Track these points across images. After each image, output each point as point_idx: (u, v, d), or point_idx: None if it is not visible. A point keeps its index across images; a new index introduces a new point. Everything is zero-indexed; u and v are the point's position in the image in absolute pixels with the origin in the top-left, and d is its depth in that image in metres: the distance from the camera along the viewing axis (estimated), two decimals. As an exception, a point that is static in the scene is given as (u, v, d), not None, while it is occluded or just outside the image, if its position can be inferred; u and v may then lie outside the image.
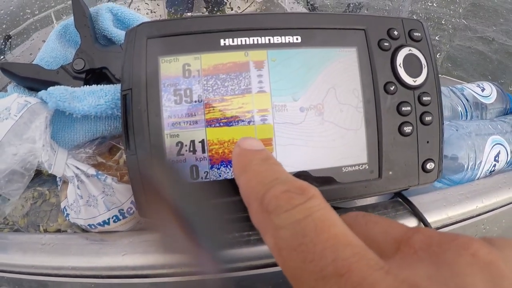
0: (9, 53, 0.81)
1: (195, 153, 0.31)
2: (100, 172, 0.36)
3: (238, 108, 0.32)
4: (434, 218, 0.39)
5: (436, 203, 0.40)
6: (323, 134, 0.33)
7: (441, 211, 0.39)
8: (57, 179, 0.40)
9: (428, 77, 0.36)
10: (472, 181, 0.43)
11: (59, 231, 0.40)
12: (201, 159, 0.31)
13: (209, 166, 0.31)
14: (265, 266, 0.34)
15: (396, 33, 0.36)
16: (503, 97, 0.51)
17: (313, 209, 0.17)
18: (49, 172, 0.36)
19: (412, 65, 0.36)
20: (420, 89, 0.36)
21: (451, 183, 0.43)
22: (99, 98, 0.36)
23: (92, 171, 0.36)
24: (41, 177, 0.43)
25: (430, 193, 0.41)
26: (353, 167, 0.34)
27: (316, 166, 0.33)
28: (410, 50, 0.36)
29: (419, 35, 0.37)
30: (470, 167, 0.41)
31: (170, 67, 0.32)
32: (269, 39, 0.33)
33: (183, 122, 0.31)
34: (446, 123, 0.46)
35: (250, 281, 0.35)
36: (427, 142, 0.36)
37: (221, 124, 0.32)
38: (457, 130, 0.42)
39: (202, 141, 0.31)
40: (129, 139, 0.32)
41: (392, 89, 0.35)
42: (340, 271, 0.15)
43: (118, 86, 0.37)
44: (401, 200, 0.39)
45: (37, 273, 0.35)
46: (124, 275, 0.34)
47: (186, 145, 0.31)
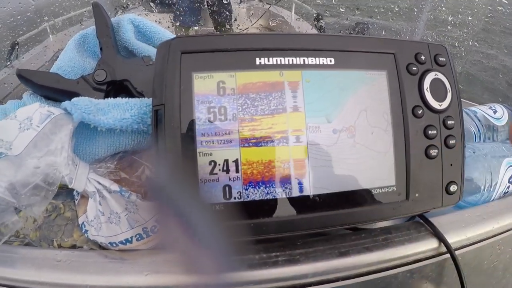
0: (16, 60, 0.78)
1: (229, 173, 0.30)
2: (124, 188, 0.34)
3: (272, 127, 0.30)
4: (453, 239, 0.38)
5: (455, 224, 0.39)
6: (355, 156, 0.32)
7: (460, 232, 0.39)
8: (74, 193, 0.37)
9: (452, 101, 0.36)
10: (487, 202, 0.43)
11: (74, 246, 0.37)
12: (235, 179, 0.30)
13: (243, 186, 0.30)
14: (292, 287, 0.32)
15: (423, 57, 0.35)
16: (514, 119, 0.51)
17: None
18: (70, 186, 0.34)
19: (438, 90, 0.35)
20: (444, 113, 0.35)
21: (467, 205, 0.42)
22: (124, 111, 0.34)
23: (115, 187, 0.33)
24: (55, 189, 0.40)
25: (448, 214, 0.40)
26: (382, 189, 0.33)
27: (347, 187, 0.32)
28: (436, 74, 0.35)
29: (444, 60, 0.36)
30: (486, 189, 0.41)
31: (204, 84, 0.30)
32: (304, 60, 0.32)
33: (217, 140, 0.30)
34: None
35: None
36: (451, 164, 0.35)
37: (256, 143, 0.30)
38: (474, 152, 0.42)
39: (236, 161, 0.30)
40: (160, 157, 0.30)
41: (419, 112, 0.34)
42: None
43: (144, 100, 0.35)
44: (422, 221, 0.38)
45: (53, 292, 0.32)
46: (147, 296, 0.32)
47: (219, 164, 0.30)
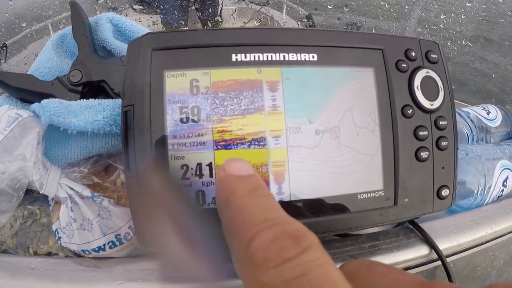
0: (4, 62, 0.75)
1: (202, 177, 0.27)
2: (96, 193, 0.31)
3: (249, 129, 0.27)
4: (445, 245, 0.35)
5: (446, 229, 0.36)
6: (339, 159, 0.29)
7: (452, 238, 0.35)
8: (49, 198, 0.34)
9: (444, 100, 0.32)
10: (480, 206, 0.39)
11: (50, 254, 0.34)
12: (208, 184, 0.27)
13: (217, 192, 0.27)
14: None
15: (413, 54, 0.32)
16: (507, 120, 0.48)
17: (309, 265, 0.13)
18: (41, 192, 0.31)
19: (429, 88, 0.32)
20: (436, 113, 0.32)
21: (460, 209, 0.39)
22: (96, 113, 0.31)
23: (87, 193, 0.30)
24: (32, 194, 0.37)
25: (440, 219, 0.37)
26: (369, 194, 0.30)
27: (331, 192, 0.29)
28: (427, 72, 0.32)
29: (436, 56, 0.33)
30: (479, 192, 0.38)
31: (176, 83, 0.27)
32: (284, 56, 0.29)
33: (189, 143, 0.27)
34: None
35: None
36: (443, 167, 0.32)
37: (231, 146, 0.27)
38: (467, 154, 0.39)
39: (209, 164, 0.27)
40: (129, 160, 0.27)
41: (409, 112, 0.31)
42: None
43: (117, 101, 0.32)
44: (412, 227, 0.35)
45: (24, 302, 0.30)
46: (119, 307, 0.29)
47: (192, 168, 0.27)
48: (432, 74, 0.32)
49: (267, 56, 0.28)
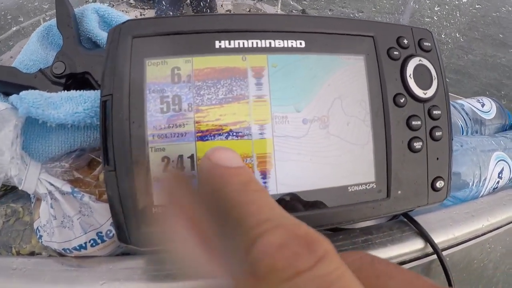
0: None
1: (183, 171, 0.25)
2: (76, 189, 0.28)
3: (233, 119, 0.25)
4: (440, 238, 0.33)
5: (442, 222, 0.34)
6: (328, 149, 0.27)
7: (448, 231, 0.33)
8: (31, 195, 0.32)
9: (438, 89, 0.30)
10: (476, 198, 0.37)
11: (33, 253, 0.32)
12: (190, 177, 0.24)
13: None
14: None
15: (406, 41, 0.30)
16: (502, 113, 0.45)
17: (327, 278, 0.10)
18: (19, 188, 0.29)
19: (422, 77, 0.30)
20: (430, 102, 0.30)
21: (455, 201, 0.37)
22: (77, 105, 0.29)
23: (67, 188, 0.28)
24: (16, 191, 0.35)
25: (435, 212, 0.35)
26: (360, 186, 0.28)
27: (320, 185, 0.26)
28: (420, 60, 0.30)
29: (429, 45, 0.31)
30: (475, 184, 0.36)
31: (157, 71, 0.25)
32: (270, 43, 0.26)
33: (170, 134, 0.24)
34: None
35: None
36: (437, 158, 0.30)
37: (213, 137, 0.25)
38: (462, 145, 0.36)
39: (191, 157, 0.25)
40: (107, 153, 0.25)
41: (402, 101, 0.29)
42: None
43: (99, 92, 0.30)
44: (406, 220, 0.33)
45: (5, 302, 0.27)
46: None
47: (173, 161, 0.24)
48: (425, 62, 0.30)
49: (252, 42, 0.26)
